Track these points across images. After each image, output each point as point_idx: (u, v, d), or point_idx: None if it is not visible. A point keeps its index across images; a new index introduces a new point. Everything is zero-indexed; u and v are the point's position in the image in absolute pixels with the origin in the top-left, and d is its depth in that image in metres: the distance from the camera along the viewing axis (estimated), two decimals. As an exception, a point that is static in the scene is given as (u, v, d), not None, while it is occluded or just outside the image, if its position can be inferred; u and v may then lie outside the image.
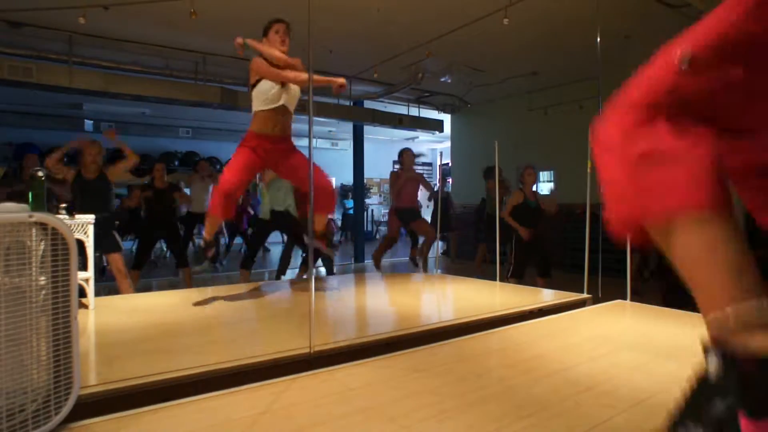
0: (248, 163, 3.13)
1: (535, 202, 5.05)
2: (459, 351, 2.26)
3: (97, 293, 3.20)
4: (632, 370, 1.97)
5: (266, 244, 9.30)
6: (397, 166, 6.17)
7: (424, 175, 7.81)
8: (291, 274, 5.97)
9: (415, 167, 6.18)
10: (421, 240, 6.17)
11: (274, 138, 3.14)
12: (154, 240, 5.74)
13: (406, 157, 5.78)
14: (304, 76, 3.05)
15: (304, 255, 5.82)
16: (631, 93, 0.79)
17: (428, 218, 6.74)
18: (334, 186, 3.65)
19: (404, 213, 5.74)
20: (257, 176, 5.22)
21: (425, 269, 6.09)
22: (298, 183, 3.50)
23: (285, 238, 5.82)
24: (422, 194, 6.30)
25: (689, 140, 0.72)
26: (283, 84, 3.10)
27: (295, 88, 3.18)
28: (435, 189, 6.57)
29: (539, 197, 5.17)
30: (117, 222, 4.64)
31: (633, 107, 0.77)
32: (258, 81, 3.10)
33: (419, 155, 6.29)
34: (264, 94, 3.10)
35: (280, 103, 3.12)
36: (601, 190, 0.81)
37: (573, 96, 7.42)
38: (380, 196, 15.31)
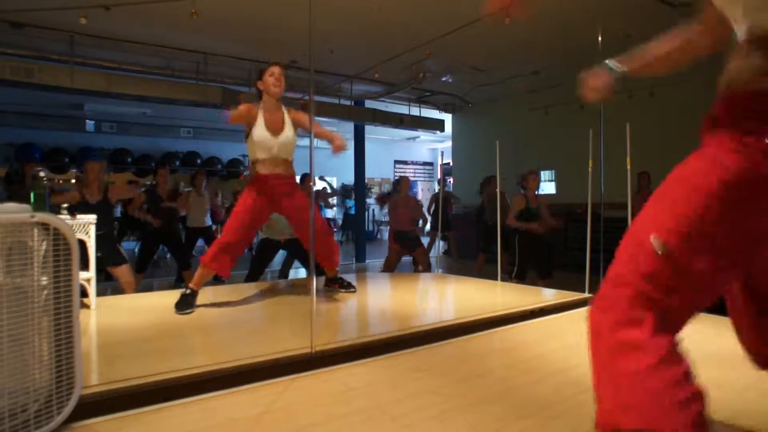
0: (252, 214, 3.04)
1: (536, 208, 5.06)
2: (460, 351, 2.26)
3: (99, 293, 3.20)
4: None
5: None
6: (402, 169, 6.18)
7: (425, 176, 7.80)
8: (293, 274, 5.97)
9: (416, 167, 6.24)
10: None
11: (277, 176, 3.07)
12: (157, 245, 5.73)
13: (402, 184, 5.94)
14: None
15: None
16: (612, 283, 0.86)
17: (428, 218, 6.75)
18: (334, 238, 3.53)
19: (403, 237, 5.81)
20: None
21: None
22: (298, 228, 3.32)
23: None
24: (422, 195, 6.33)
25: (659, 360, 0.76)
26: (275, 136, 3.02)
27: (288, 137, 3.08)
28: (436, 189, 6.61)
29: (541, 201, 5.18)
30: (116, 224, 4.62)
31: (615, 300, 0.84)
32: (250, 129, 3.02)
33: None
34: (256, 145, 3.02)
35: (273, 153, 3.04)
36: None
37: (574, 95, 7.39)
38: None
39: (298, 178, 3.40)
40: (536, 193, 5.15)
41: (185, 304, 2.92)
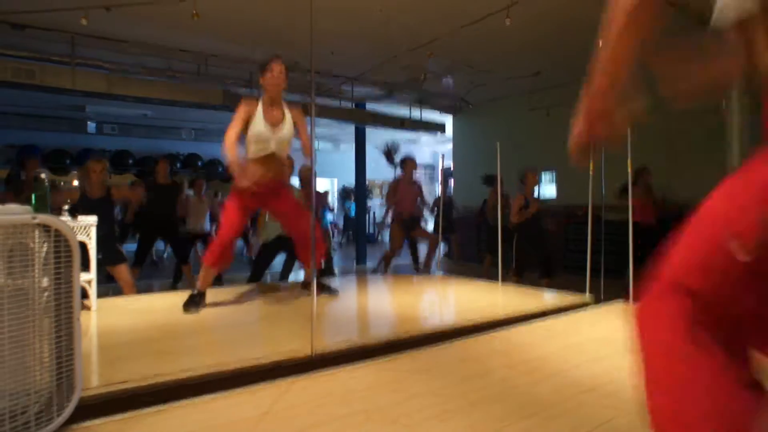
0: (242, 213, 3.10)
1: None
2: (461, 352, 2.26)
3: (100, 295, 3.20)
4: (634, 371, 1.97)
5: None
6: (399, 172, 6.10)
7: (425, 177, 7.78)
8: (293, 276, 5.96)
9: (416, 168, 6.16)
10: (421, 249, 6.17)
11: (266, 184, 3.06)
12: (154, 237, 5.75)
13: (408, 165, 5.75)
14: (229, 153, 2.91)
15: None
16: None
17: (428, 202, 6.69)
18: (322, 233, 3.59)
19: (405, 221, 5.73)
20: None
21: (428, 272, 6.09)
22: (288, 230, 3.38)
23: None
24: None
25: None
26: (273, 130, 3.00)
27: (286, 133, 3.06)
28: (437, 192, 6.55)
29: (539, 200, 5.21)
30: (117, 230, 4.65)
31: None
32: (247, 125, 2.99)
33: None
34: (254, 142, 3.00)
35: (270, 150, 3.02)
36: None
37: (575, 96, 7.39)
38: (382, 197, 15.32)
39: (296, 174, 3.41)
40: (534, 191, 5.17)
41: (193, 304, 2.99)
